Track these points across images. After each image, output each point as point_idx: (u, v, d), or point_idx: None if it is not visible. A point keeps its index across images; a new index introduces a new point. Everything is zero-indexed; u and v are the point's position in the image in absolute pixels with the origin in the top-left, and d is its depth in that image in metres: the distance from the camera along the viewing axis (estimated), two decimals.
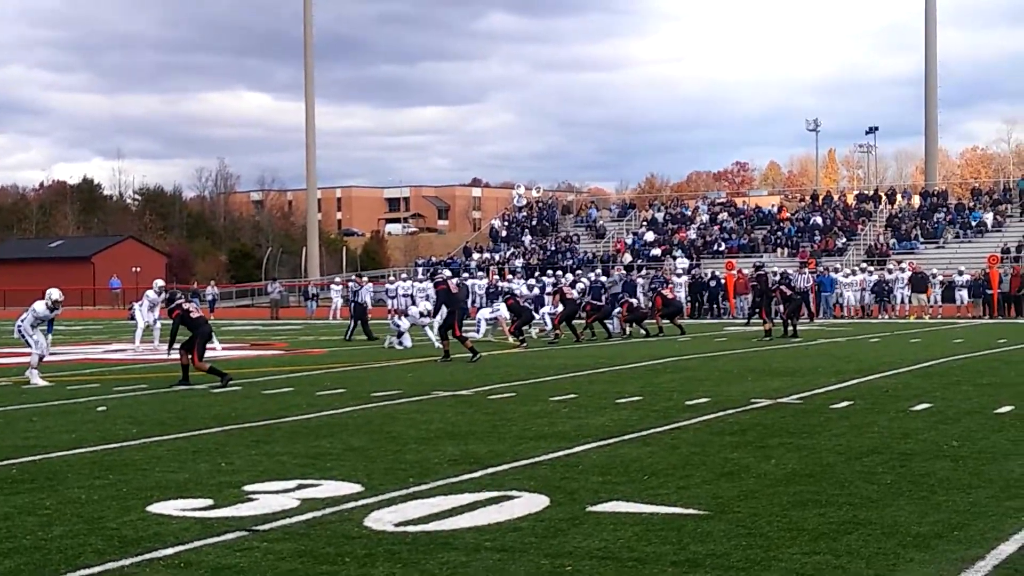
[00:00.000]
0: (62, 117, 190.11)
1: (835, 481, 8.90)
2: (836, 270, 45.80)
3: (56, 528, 7.56)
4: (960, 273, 43.64)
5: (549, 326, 30.86)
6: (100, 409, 14.64)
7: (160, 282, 30.72)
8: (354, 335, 31.74)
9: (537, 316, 31.89)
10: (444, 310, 23.65)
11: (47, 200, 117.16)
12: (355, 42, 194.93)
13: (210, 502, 8.34)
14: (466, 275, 53.83)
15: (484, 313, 31.64)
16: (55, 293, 18.98)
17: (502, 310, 30.25)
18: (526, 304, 31.83)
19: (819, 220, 58.26)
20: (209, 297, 58.56)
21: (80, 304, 76.93)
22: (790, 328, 30.01)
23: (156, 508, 8.14)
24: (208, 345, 18.41)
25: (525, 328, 29.25)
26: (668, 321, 32.79)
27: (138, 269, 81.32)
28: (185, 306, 18.28)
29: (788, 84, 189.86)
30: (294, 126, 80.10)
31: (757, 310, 32.68)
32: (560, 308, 29.85)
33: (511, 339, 28.25)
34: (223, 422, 13.05)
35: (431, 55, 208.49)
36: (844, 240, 55.81)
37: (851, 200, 63.21)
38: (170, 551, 6.90)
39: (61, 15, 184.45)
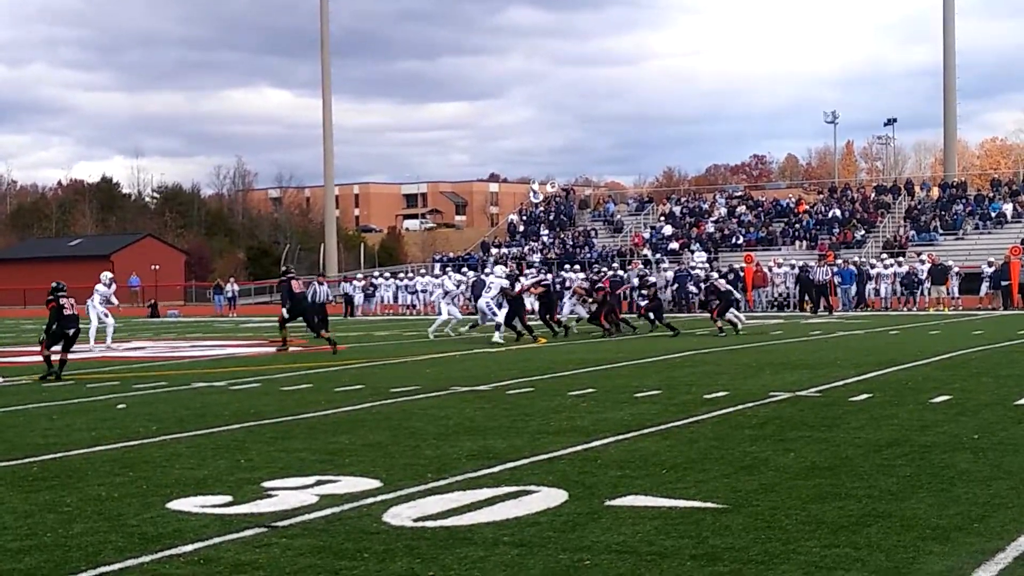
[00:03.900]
0: (84, 116, 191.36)
1: (854, 474, 8.87)
2: (872, 265, 45.47)
3: (77, 525, 7.59)
4: (990, 264, 43.50)
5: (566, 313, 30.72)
6: (120, 407, 14.70)
7: (108, 274, 30.94)
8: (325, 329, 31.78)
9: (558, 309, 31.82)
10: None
11: (66, 199, 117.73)
12: (375, 38, 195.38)
13: (229, 499, 8.35)
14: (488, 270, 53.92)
15: (483, 304, 31.22)
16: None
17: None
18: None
19: (838, 212, 58.06)
20: (228, 294, 58.81)
21: None
22: (719, 324, 29.09)
23: (176, 505, 8.17)
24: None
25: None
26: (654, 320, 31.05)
27: (157, 267, 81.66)
28: (62, 301, 19.57)
29: (806, 77, 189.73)
30: (314, 123, 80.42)
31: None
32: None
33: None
34: (242, 419, 13.08)
35: (451, 50, 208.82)
36: (863, 232, 55.62)
37: (870, 192, 63.00)
38: (190, 548, 6.92)
39: (83, 14, 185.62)
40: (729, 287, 31.34)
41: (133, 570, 6.49)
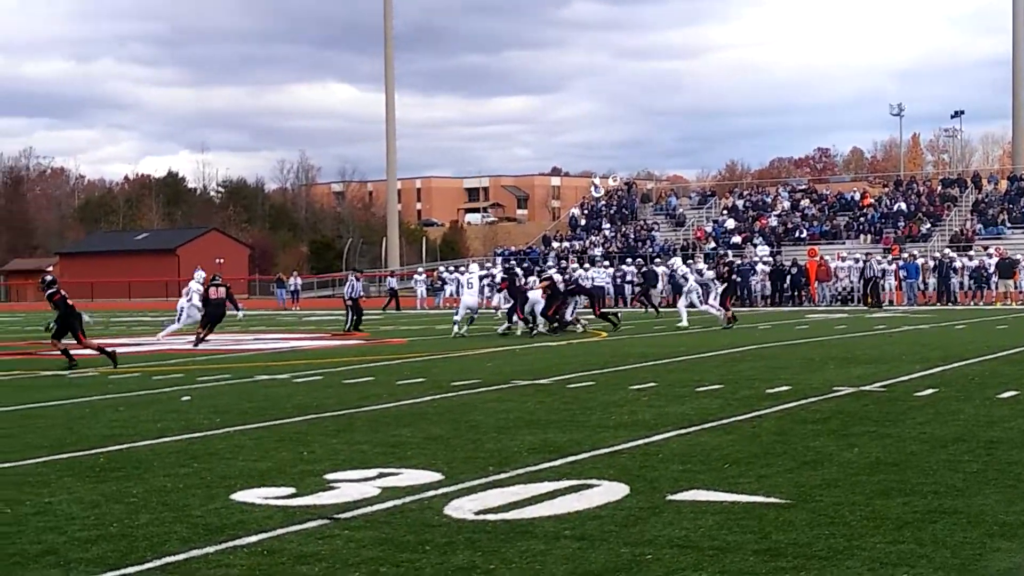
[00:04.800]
0: (150, 111, 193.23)
1: (919, 470, 8.77)
2: (951, 259, 44.96)
3: (142, 516, 7.67)
4: None
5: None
6: (184, 399, 14.84)
7: (202, 272, 31.39)
8: (357, 326, 31.86)
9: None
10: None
11: (133, 193, 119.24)
12: (440, 32, 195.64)
13: (292, 490, 8.41)
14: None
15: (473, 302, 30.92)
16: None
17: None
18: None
19: (903, 206, 57.41)
20: (291, 288, 59.28)
21: (165, 295, 78.05)
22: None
23: (239, 496, 8.23)
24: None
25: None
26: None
27: (221, 260, 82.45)
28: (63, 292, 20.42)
29: (872, 69, 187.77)
30: (378, 117, 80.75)
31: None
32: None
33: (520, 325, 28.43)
34: (304, 411, 13.17)
35: (515, 44, 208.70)
36: (929, 226, 54.97)
37: (936, 185, 62.22)
38: (253, 539, 6.97)
39: (151, 10, 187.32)
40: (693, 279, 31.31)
41: (198, 560, 6.55)
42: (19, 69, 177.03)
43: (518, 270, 34.88)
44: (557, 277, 30.90)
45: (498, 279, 30.00)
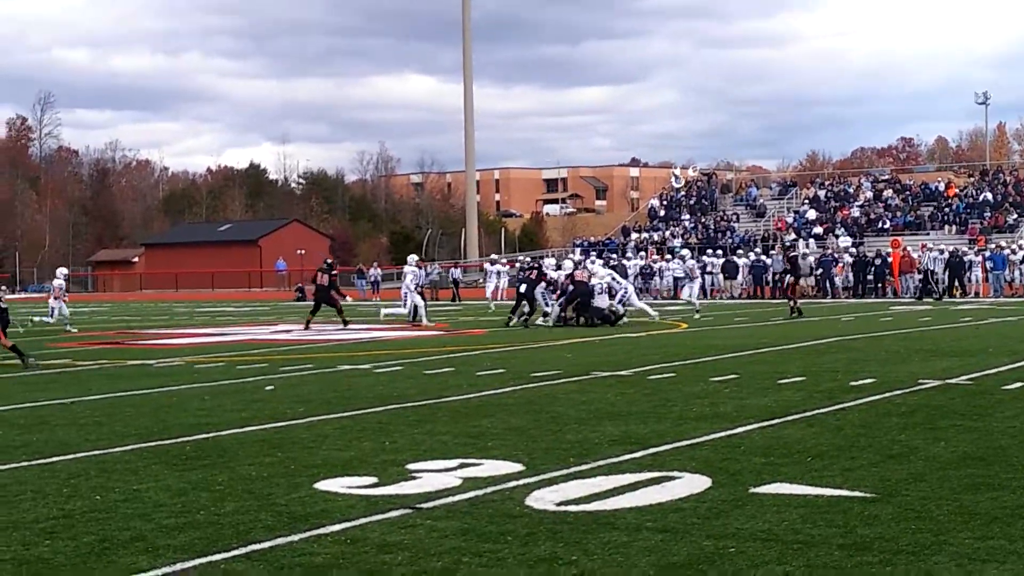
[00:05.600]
0: (234, 103, 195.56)
1: (1009, 464, 8.62)
2: None
3: (228, 504, 7.77)
4: None
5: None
6: (268, 388, 15.00)
7: (415, 257, 31.80)
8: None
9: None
10: None
11: (216, 185, 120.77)
12: (519, 22, 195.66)
13: (375, 480, 8.46)
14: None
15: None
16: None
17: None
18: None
19: (989, 196, 56.44)
20: (372, 278, 59.69)
21: (248, 286, 79.02)
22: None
23: (323, 485, 8.30)
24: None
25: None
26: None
27: (303, 251, 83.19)
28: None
29: (958, 57, 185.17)
30: (457, 108, 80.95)
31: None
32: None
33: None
34: (386, 401, 13.24)
35: (595, 34, 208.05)
36: (1015, 216, 54.00)
37: (1023, 175, 61.08)
38: (337, 528, 7.03)
39: (236, 4, 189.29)
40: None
41: (283, 548, 6.62)
42: (107, 63, 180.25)
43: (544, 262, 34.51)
44: (568, 266, 30.60)
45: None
